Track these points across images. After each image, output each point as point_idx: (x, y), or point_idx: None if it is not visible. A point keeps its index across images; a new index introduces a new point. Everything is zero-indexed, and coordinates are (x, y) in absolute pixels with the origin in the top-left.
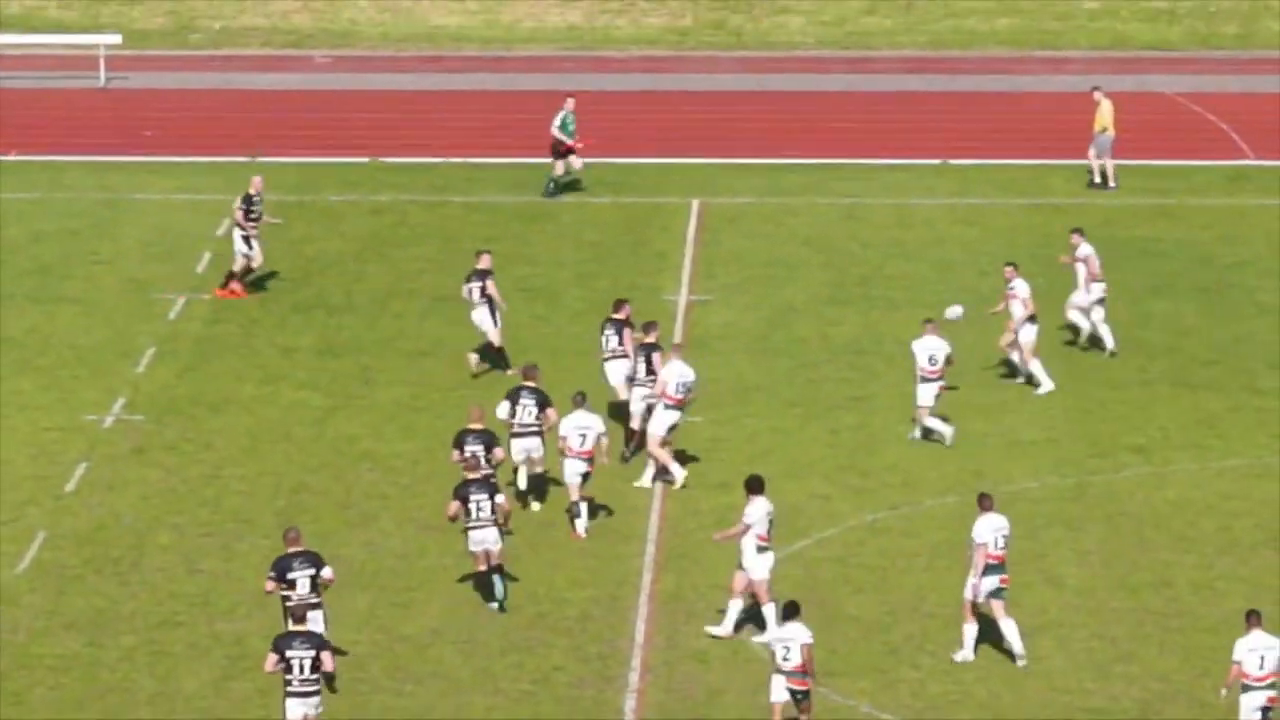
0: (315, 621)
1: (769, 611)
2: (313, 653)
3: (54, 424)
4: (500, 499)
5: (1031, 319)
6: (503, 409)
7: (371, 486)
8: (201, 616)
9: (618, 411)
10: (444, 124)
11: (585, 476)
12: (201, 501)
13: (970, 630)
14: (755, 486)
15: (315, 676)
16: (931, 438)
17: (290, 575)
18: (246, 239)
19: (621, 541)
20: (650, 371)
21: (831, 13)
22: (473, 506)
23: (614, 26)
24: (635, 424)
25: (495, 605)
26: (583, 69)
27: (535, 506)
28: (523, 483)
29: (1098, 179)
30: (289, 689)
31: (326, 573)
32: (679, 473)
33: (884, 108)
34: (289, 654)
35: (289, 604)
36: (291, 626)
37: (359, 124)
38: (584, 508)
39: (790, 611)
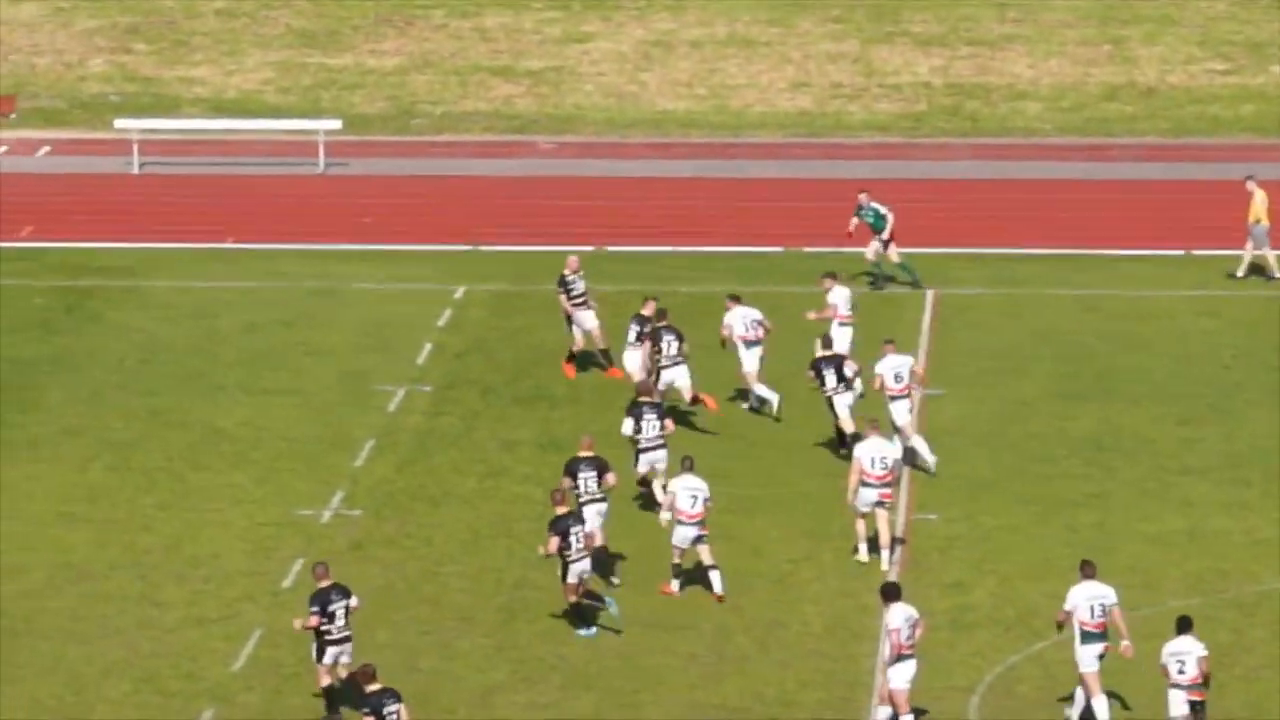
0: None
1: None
2: (397, 707)
3: (270, 519)
4: (589, 527)
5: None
6: (627, 425)
7: (593, 583)
8: (420, 716)
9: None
10: (669, 211)
11: (698, 540)
12: (421, 599)
13: (1096, 702)
14: (892, 594)
15: None
16: (916, 463)
17: (331, 608)
18: (569, 319)
19: (853, 640)
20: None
21: (1070, 99)
22: (572, 539)
23: (846, 112)
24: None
25: (591, 630)
26: (813, 155)
27: (665, 518)
28: (658, 494)
29: (1241, 273)
30: None
31: (354, 601)
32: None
33: (1123, 196)
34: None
35: (329, 638)
36: (367, 688)
37: (582, 211)
38: (717, 575)
39: (1184, 625)
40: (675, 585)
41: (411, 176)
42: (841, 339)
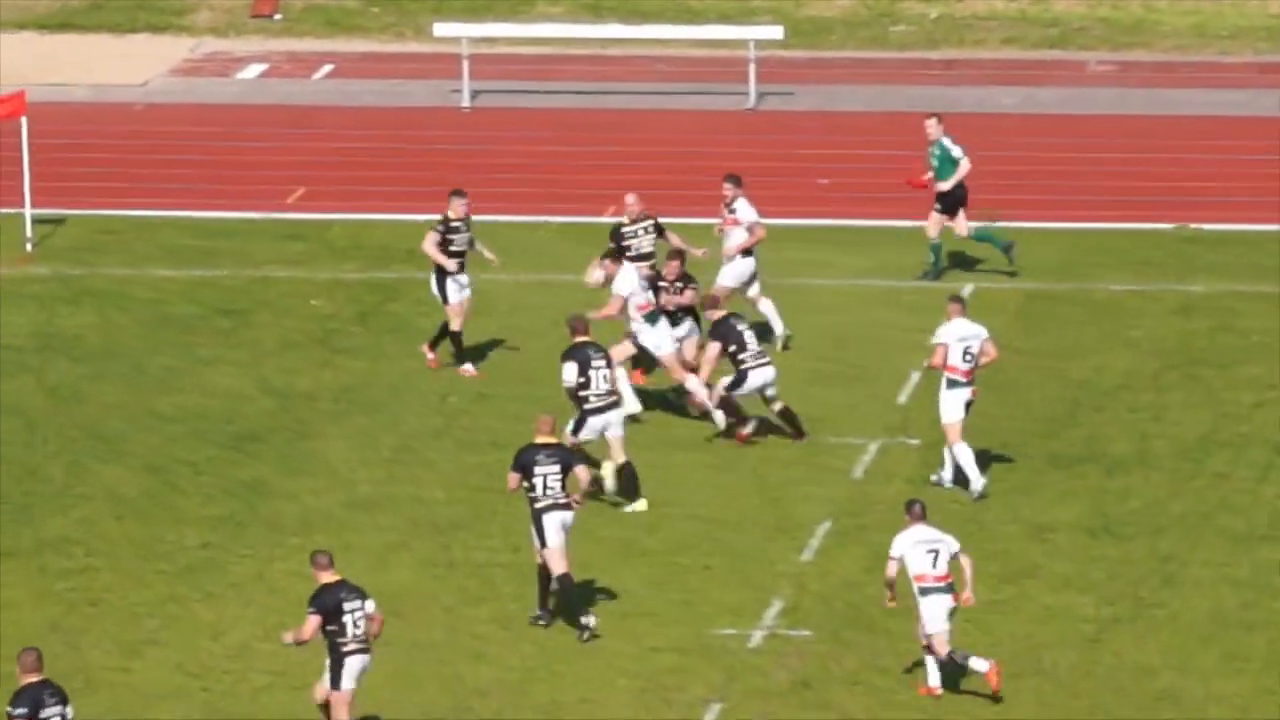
0: None
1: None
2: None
3: (670, 642)
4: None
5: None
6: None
7: None
8: None
9: None
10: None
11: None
12: None
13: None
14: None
15: None
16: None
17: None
18: None
19: None
20: None
21: None
22: None
23: None
24: None
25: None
26: None
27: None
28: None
29: None
30: None
31: (370, 607)
32: None
33: None
34: None
35: (345, 650)
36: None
37: (1159, 167)
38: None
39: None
40: (936, 680)
41: (889, 114)
42: None
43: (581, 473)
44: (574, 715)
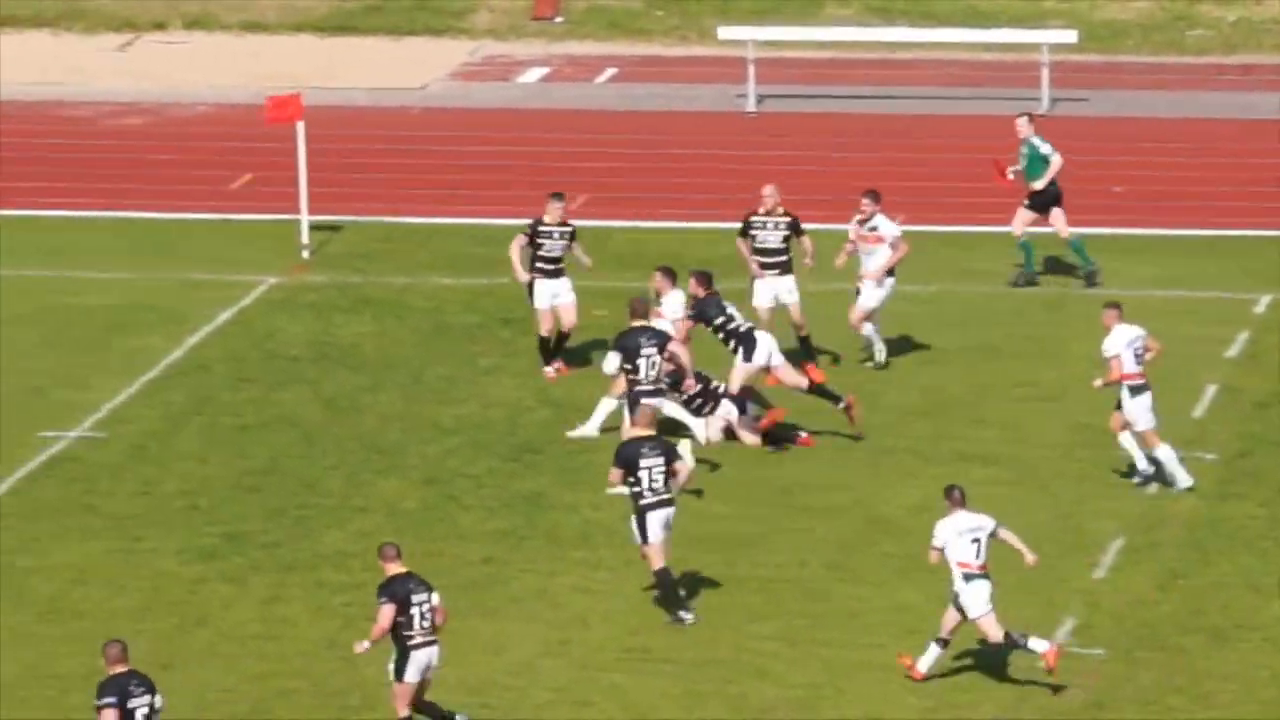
0: None
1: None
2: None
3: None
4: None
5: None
6: None
7: None
8: None
9: None
10: None
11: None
12: None
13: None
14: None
15: None
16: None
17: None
18: None
19: None
20: None
21: None
22: None
23: None
24: None
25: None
26: None
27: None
28: None
29: None
30: None
31: (436, 598)
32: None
33: None
34: None
35: (411, 643)
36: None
37: None
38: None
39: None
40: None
41: (1184, 120)
42: None
43: (681, 468)
44: None
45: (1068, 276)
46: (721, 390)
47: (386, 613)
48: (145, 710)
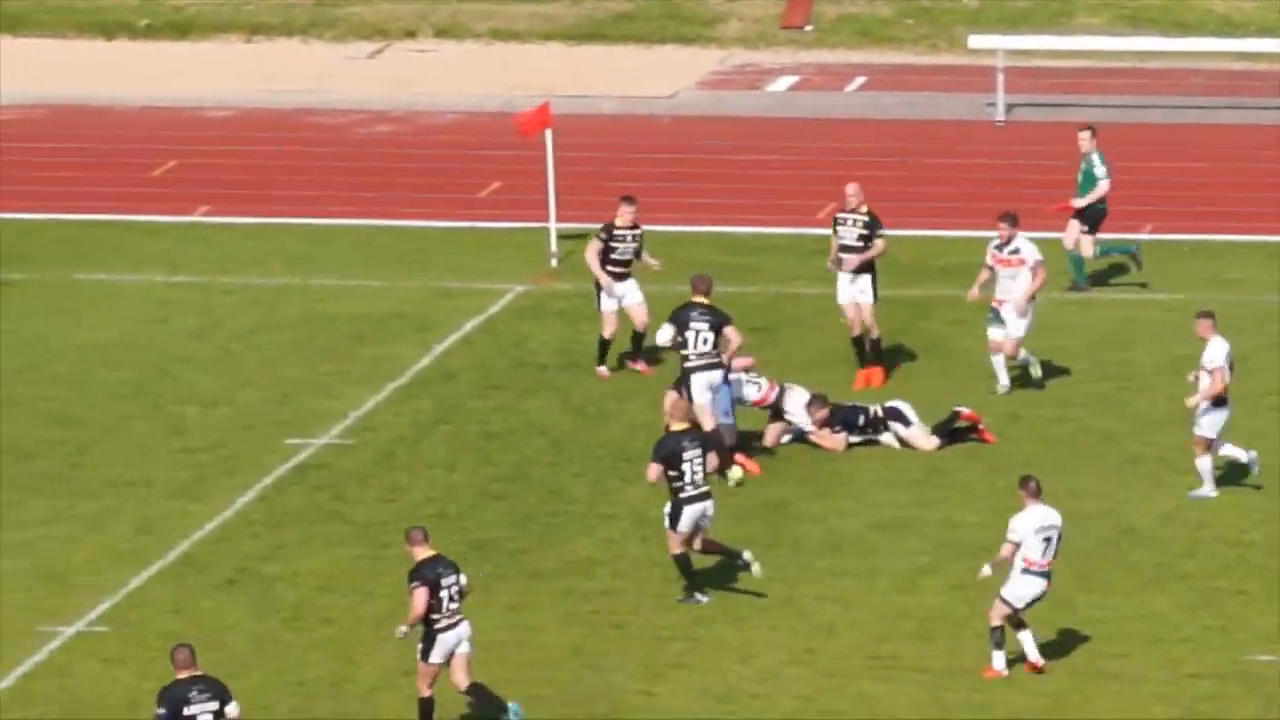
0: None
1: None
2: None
3: (1206, 667)
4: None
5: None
6: None
7: None
8: None
9: None
10: None
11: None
12: None
13: None
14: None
15: None
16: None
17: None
18: None
19: None
20: None
21: None
22: None
23: None
24: None
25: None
26: None
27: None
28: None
29: None
30: None
31: (464, 580)
32: None
33: None
34: None
35: (438, 625)
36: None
37: None
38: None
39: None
40: (1001, 661)
41: None
42: None
43: (712, 457)
44: None
45: None
46: (878, 413)
47: (420, 596)
48: (208, 718)
